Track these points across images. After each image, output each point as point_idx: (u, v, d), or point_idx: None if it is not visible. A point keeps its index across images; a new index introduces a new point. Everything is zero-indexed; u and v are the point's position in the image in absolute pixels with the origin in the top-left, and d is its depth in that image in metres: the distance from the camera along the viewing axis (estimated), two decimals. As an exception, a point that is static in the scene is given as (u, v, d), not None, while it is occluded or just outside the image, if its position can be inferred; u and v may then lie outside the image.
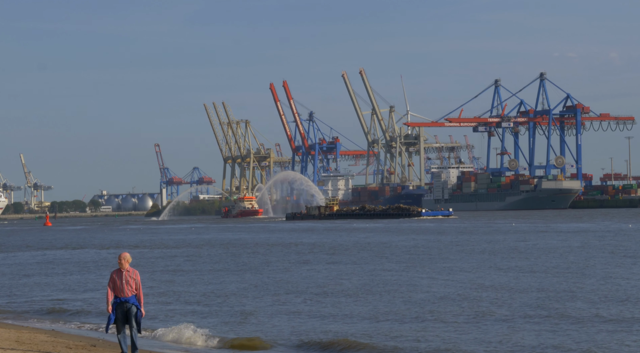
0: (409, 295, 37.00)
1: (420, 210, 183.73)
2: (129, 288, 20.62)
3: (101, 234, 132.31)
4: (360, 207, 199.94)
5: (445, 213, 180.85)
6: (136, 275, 20.72)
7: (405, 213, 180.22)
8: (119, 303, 20.63)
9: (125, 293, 20.61)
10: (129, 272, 20.67)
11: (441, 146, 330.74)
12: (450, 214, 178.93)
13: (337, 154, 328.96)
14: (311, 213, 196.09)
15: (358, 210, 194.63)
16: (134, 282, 20.67)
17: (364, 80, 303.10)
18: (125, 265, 20.60)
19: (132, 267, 20.87)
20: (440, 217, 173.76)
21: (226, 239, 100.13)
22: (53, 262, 67.87)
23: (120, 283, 20.60)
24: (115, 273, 20.69)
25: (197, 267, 57.25)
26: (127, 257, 20.66)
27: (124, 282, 20.59)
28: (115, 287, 20.64)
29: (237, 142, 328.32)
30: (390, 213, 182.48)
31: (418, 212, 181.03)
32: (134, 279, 20.66)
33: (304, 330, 28.46)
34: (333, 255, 65.16)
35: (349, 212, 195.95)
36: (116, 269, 20.70)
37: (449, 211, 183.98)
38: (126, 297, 20.62)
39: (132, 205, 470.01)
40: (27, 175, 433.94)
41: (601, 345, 24.70)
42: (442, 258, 58.13)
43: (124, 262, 20.60)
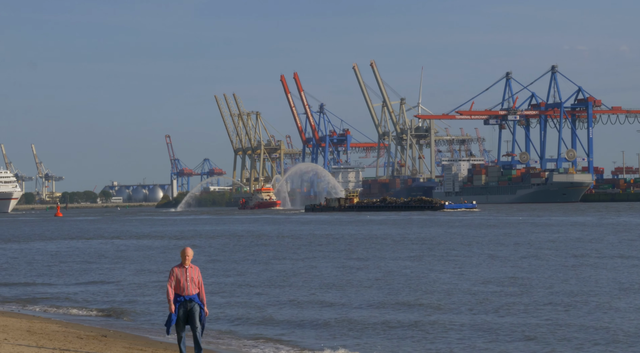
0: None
1: (443, 203, 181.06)
2: (192, 285, 19.33)
3: (131, 226, 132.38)
4: (382, 199, 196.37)
5: (468, 206, 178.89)
6: (198, 272, 19.54)
7: (427, 206, 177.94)
8: (182, 302, 19.36)
9: (189, 291, 19.32)
10: (192, 268, 19.38)
11: (452, 139, 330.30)
12: (474, 207, 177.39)
13: (348, 146, 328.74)
14: (331, 205, 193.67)
15: (379, 202, 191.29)
16: (197, 279, 19.45)
17: (374, 73, 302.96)
18: (188, 261, 19.31)
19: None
20: (464, 210, 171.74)
21: (267, 231, 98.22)
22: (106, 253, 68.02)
23: (183, 280, 19.27)
24: (178, 269, 19.38)
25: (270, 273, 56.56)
26: (190, 253, 19.34)
27: (188, 278, 19.28)
28: (177, 284, 19.32)
29: (247, 134, 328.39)
30: (412, 206, 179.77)
31: (441, 204, 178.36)
32: (197, 276, 19.44)
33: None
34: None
35: (370, 204, 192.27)
36: (177, 265, 19.44)
37: (472, 204, 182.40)
38: (190, 295, 19.34)
39: (143, 196, 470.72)
40: (39, 166, 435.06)
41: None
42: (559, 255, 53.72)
43: (187, 257, 19.29)
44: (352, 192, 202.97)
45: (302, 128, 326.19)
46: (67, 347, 21.93)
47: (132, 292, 38.51)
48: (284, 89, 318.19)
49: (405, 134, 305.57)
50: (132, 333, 27.48)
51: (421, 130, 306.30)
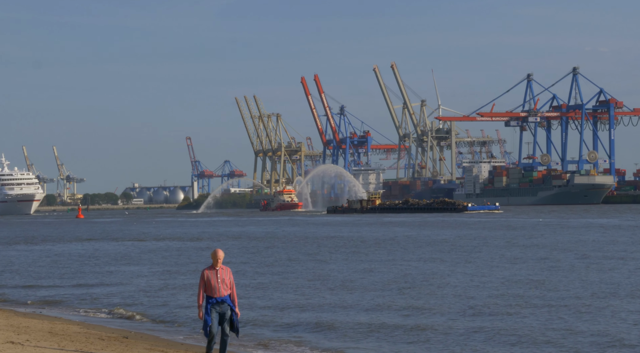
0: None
1: (465, 205, 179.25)
2: (224, 287, 19.21)
3: (154, 227, 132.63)
4: (404, 200, 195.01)
5: (491, 208, 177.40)
6: (230, 273, 19.40)
7: (450, 208, 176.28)
8: (214, 303, 19.21)
9: (221, 293, 19.20)
10: (223, 269, 19.27)
11: (473, 140, 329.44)
12: (497, 209, 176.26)
13: (368, 148, 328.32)
14: (353, 207, 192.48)
15: (401, 204, 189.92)
16: (229, 280, 19.32)
17: (395, 74, 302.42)
18: (219, 262, 19.18)
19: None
20: (487, 212, 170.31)
21: (295, 232, 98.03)
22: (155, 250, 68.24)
23: (214, 281, 19.14)
24: (209, 271, 19.25)
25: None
26: (221, 254, 19.19)
27: (219, 280, 19.17)
28: (209, 286, 19.19)
29: (268, 136, 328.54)
30: (435, 208, 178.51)
31: (464, 206, 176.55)
32: (228, 277, 19.32)
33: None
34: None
35: (392, 205, 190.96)
36: (208, 267, 19.30)
37: (495, 205, 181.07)
38: (221, 296, 19.22)
39: (164, 198, 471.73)
40: (60, 168, 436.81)
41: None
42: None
43: (218, 259, 19.15)
44: (374, 194, 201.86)
45: (323, 130, 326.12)
46: (89, 348, 22.00)
47: (155, 294, 38.58)
48: (305, 90, 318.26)
49: (425, 136, 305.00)
50: (153, 334, 27.55)
51: (442, 132, 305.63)
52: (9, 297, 39.65)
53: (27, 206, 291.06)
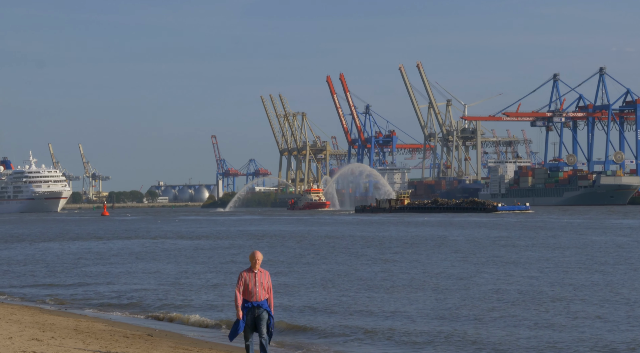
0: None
1: (495, 205, 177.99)
2: (262, 291, 18.42)
3: (182, 225, 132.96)
4: (433, 200, 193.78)
5: (521, 208, 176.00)
6: (268, 276, 18.63)
7: (480, 208, 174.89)
8: (250, 308, 18.45)
9: (258, 297, 18.40)
10: (261, 272, 18.49)
11: (498, 140, 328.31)
12: (527, 209, 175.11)
13: (394, 147, 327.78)
14: (381, 206, 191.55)
15: (430, 203, 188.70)
16: (267, 284, 18.54)
17: (421, 74, 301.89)
18: (257, 265, 18.41)
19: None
20: (517, 212, 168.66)
21: (337, 232, 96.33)
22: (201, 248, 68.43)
23: (252, 285, 18.37)
24: (247, 274, 18.49)
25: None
26: (259, 256, 18.42)
27: (257, 283, 18.39)
28: (246, 289, 18.42)
29: (293, 135, 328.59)
30: (465, 208, 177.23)
31: (494, 206, 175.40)
32: (267, 281, 18.55)
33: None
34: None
35: (421, 205, 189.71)
36: (246, 270, 18.55)
37: (525, 206, 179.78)
38: (258, 301, 18.43)
39: (189, 196, 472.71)
40: (86, 165, 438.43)
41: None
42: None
43: (257, 261, 18.38)
44: (403, 193, 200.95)
45: (348, 129, 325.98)
46: (113, 346, 22.04)
47: (180, 292, 38.62)
48: (330, 89, 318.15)
49: (451, 135, 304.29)
50: (178, 332, 27.57)
51: (467, 132, 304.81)
52: (35, 294, 39.84)
53: (54, 204, 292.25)
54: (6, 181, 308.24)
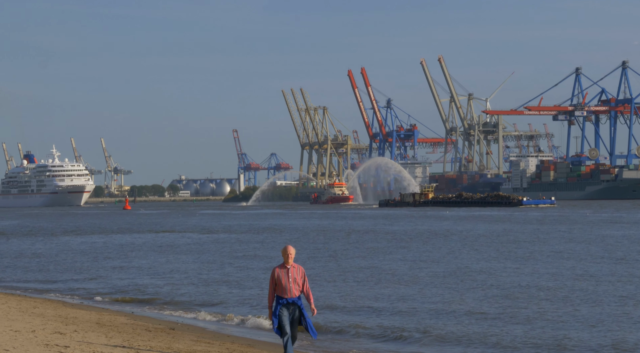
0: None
1: (520, 199, 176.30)
2: (296, 287, 17.91)
3: (207, 219, 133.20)
4: (457, 194, 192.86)
5: (547, 202, 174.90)
6: (302, 272, 18.05)
7: (505, 202, 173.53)
8: (284, 304, 17.95)
9: (292, 293, 17.92)
10: (295, 268, 17.94)
11: (520, 134, 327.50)
12: (553, 203, 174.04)
13: (415, 141, 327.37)
14: (405, 201, 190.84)
15: (455, 197, 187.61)
16: (301, 280, 18.00)
17: (442, 67, 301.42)
18: (290, 260, 17.86)
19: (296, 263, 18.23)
20: (543, 206, 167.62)
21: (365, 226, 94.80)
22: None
23: (285, 281, 17.85)
24: (280, 270, 17.94)
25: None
26: (292, 251, 17.85)
27: (291, 280, 17.87)
28: (279, 286, 17.92)
29: (314, 129, 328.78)
30: (489, 202, 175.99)
31: (519, 200, 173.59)
32: (301, 276, 18.01)
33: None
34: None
35: (445, 199, 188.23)
36: (279, 265, 18.00)
37: (551, 200, 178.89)
38: (292, 297, 17.95)
39: (210, 190, 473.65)
40: (108, 159, 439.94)
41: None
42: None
43: (289, 255, 17.81)
44: (427, 188, 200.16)
45: (369, 123, 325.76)
46: (135, 339, 22.10)
47: (204, 286, 38.70)
48: (351, 83, 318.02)
49: (472, 130, 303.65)
50: (200, 325, 27.63)
51: (489, 126, 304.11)
52: (58, 287, 40.01)
53: (78, 197, 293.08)
54: (30, 175, 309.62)
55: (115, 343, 20.82)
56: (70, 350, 18.79)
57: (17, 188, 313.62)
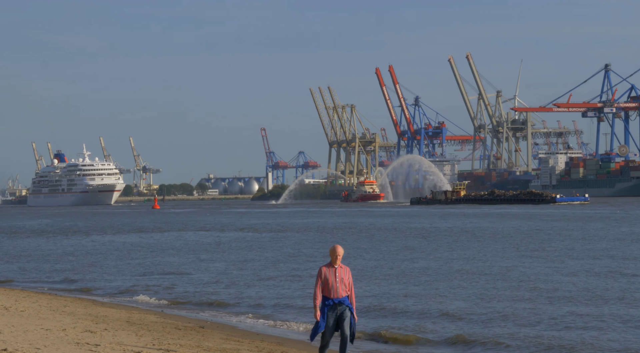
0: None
1: (554, 196, 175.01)
2: (343, 287, 17.38)
3: (242, 218, 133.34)
4: (490, 192, 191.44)
5: (581, 199, 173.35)
6: (349, 273, 17.60)
7: (538, 199, 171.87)
8: (331, 305, 17.39)
9: (339, 294, 17.35)
10: (342, 268, 17.45)
11: (549, 131, 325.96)
12: (587, 200, 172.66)
13: (443, 139, 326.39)
14: (437, 198, 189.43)
15: (487, 195, 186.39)
16: (348, 280, 17.49)
17: (470, 65, 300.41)
18: (338, 260, 17.34)
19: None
20: (577, 203, 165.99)
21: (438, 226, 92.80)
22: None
23: (332, 281, 17.33)
24: (327, 269, 17.44)
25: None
26: (340, 251, 17.38)
27: (338, 279, 17.35)
28: (326, 286, 17.36)
29: (342, 127, 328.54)
30: (522, 199, 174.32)
31: (552, 197, 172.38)
32: (347, 277, 17.50)
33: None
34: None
35: (478, 197, 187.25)
36: (325, 265, 17.49)
37: (584, 197, 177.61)
38: (339, 297, 17.38)
39: (239, 188, 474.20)
40: (136, 158, 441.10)
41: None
42: None
43: (338, 256, 17.32)
44: (459, 185, 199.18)
45: (397, 121, 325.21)
46: (165, 338, 22.18)
47: (234, 285, 38.77)
48: (379, 81, 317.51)
49: (501, 127, 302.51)
50: (230, 324, 27.70)
51: (517, 123, 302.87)
52: (88, 286, 40.21)
53: (108, 196, 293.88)
54: (60, 174, 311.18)
55: (145, 342, 20.90)
56: (100, 348, 18.89)
57: (48, 188, 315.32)
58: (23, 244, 72.14)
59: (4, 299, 29.79)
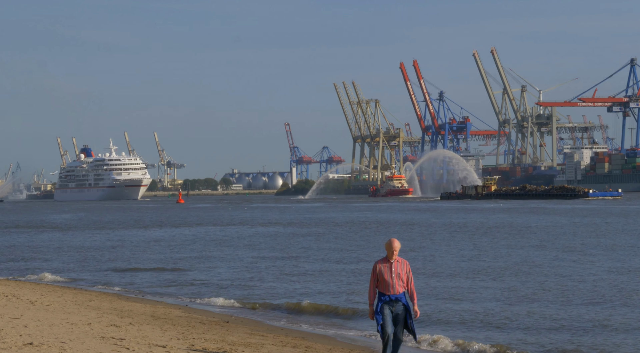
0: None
1: (586, 191, 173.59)
2: (399, 282, 16.60)
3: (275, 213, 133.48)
4: (521, 187, 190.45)
5: (614, 194, 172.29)
6: (407, 267, 16.70)
7: (570, 194, 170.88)
8: (387, 301, 16.62)
9: (396, 290, 16.59)
10: (399, 262, 16.63)
11: (574, 126, 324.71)
12: (620, 195, 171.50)
13: (467, 134, 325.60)
14: (467, 193, 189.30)
15: (518, 190, 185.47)
16: (405, 275, 16.66)
17: (495, 59, 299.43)
18: (394, 254, 16.55)
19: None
20: (610, 198, 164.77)
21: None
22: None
23: (388, 276, 16.55)
24: (381, 264, 16.66)
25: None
26: (397, 245, 16.57)
27: (394, 275, 16.57)
28: (381, 281, 16.63)
29: (366, 122, 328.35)
30: (554, 194, 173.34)
31: (584, 192, 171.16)
32: (405, 272, 16.67)
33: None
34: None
35: (509, 191, 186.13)
36: (380, 260, 16.71)
37: (617, 192, 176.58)
38: (396, 294, 16.59)
39: (263, 183, 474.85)
40: (161, 153, 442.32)
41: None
42: None
43: (394, 250, 16.53)
44: (489, 180, 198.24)
45: (422, 115, 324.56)
46: (190, 332, 22.22)
47: (260, 279, 38.80)
48: (403, 76, 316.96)
49: (526, 122, 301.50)
50: (254, 318, 27.72)
51: (542, 118, 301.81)
52: (113, 281, 40.32)
53: (135, 191, 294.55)
54: (87, 169, 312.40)
55: (170, 336, 20.95)
56: (125, 342, 18.95)
57: (75, 182, 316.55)
58: (75, 238, 72.05)
59: (29, 293, 29.95)
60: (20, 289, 31.52)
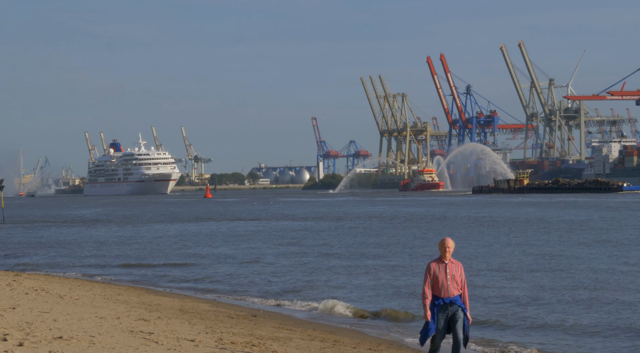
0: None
1: (620, 184, 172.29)
2: (454, 284, 15.59)
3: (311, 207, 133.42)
4: (554, 180, 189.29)
5: None
6: (461, 268, 15.72)
7: (603, 188, 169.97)
8: (441, 305, 15.61)
9: (451, 292, 15.58)
10: (453, 263, 15.66)
11: (602, 120, 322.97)
12: None
13: (495, 128, 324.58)
14: (500, 187, 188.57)
15: (551, 183, 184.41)
16: (460, 277, 15.67)
17: (522, 53, 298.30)
18: (448, 254, 15.58)
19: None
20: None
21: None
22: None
23: (442, 278, 15.56)
24: (436, 265, 15.65)
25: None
26: (451, 244, 15.60)
27: (449, 277, 15.58)
28: (435, 283, 15.62)
29: (393, 116, 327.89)
30: (587, 188, 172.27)
31: (618, 186, 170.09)
32: (459, 274, 15.68)
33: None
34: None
35: (542, 185, 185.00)
36: (434, 260, 15.72)
37: None
38: (451, 296, 15.59)
39: (290, 178, 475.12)
40: (188, 148, 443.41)
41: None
42: None
43: (447, 249, 15.56)
44: (522, 174, 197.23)
45: (449, 109, 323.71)
46: (218, 326, 22.26)
47: (290, 274, 38.82)
48: (430, 70, 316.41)
49: (553, 115, 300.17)
50: (282, 313, 27.74)
51: (570, 111, 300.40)
52: (141, 275, 40.46)
53: (164, 186, 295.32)
54: (116, 163, 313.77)
55: (198, 330, 21.00)
56: (154, 336, 19.00)
57: (104, 177, 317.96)
58: (107, 233, 72.34)
59: (58, 287, 30.10)
60: (49, 283, 31.68)
